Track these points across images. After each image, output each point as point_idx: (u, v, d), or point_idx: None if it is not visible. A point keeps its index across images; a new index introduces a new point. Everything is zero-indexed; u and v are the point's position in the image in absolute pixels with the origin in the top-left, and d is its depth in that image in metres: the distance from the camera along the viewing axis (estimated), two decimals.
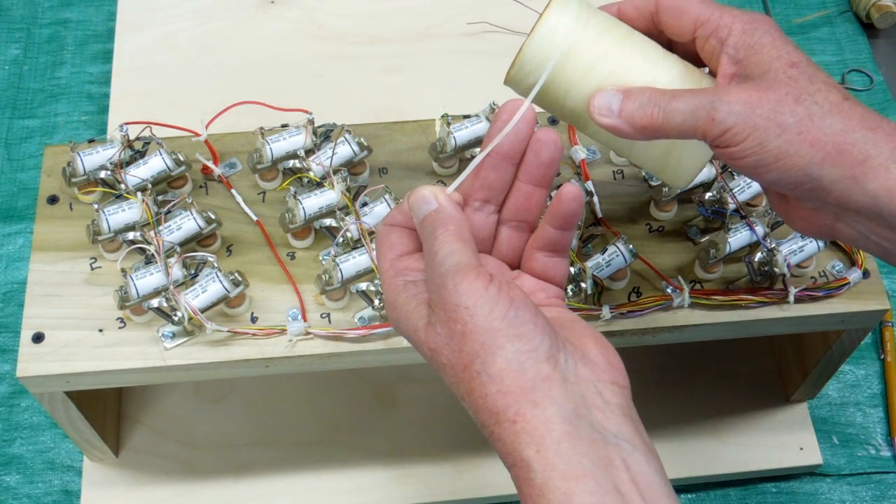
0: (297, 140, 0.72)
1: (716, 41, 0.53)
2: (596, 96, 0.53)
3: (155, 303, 0.65)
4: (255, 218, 0.72)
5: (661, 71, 0.54)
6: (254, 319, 0.68)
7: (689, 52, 0.56)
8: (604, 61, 0.54)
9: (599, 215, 0.73)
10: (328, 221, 0.69)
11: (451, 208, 0.51)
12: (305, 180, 0.71)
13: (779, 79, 0.50)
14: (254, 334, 0.67)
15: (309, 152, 0.72)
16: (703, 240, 0.72)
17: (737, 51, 0.52)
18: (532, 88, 0.54)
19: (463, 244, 0.49)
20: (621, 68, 0.54)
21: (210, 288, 0.66)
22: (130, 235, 0.69)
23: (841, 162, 0.49)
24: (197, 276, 0.67)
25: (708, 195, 0.72)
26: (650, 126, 0.51)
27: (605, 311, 0.68)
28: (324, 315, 0.69)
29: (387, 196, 0.70)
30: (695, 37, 0.54)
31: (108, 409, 0.81)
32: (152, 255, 0.67)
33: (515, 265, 0.56)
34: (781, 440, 0.84)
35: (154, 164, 0.71)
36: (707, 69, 0.56)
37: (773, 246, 0.69)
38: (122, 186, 0.70)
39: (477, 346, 0.47)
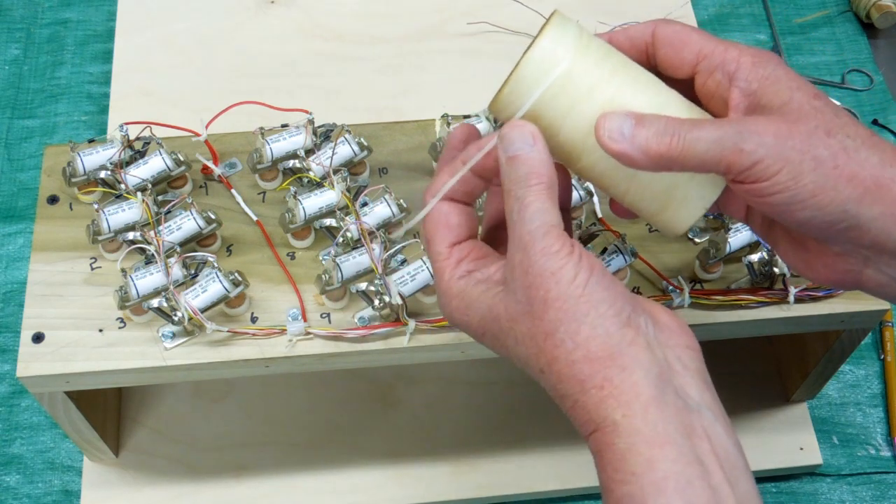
0: (297, 140, 0.72)
1: (722, 75, 0.49)
2: (605, 118, 0.47)
3: (155, 303, 0.65)
4: (255, 218, 0.72)
5: (667, 102, 0.50)
6: (254, 319, 0.68)
7: (682, 93, 0.52)
8: (608, 84, 0.49)
9: (599, 215, 0.73)
10: (328, 221, 0.69)
11: (548, 160, 0.48)
12: (305, 180, 0.71)
13: (804, 111, 0.47)
14: (254, 334, 0.67)
15: (309, 152, 0.72)
16: (703, 240, 0.72)
17: (749, 83, 0.49)
18: (521, 112, 0.49)
19: (553, 203, 0.47)
20: (624, 95, 0.49)
21: (210, 288, 0.66)
22: (130, 235, 0.69)
23: (881, 198, 0.46)
24: (197, 276, 0.67)
25: None
26: (666, 155, 0.47)
27: None
28: (324, 315, 0.69)
29: (387, 196, 0.70)
30: (695, 72, 0.51)
31: (108, 409, 0.81)
32: (152, 255, 0.67)
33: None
34: (781, 440, 0.84)
35: (154, 164, 0.71)
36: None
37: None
38: (122, 186, 0.70)
39: (560, 314, 0.46)
